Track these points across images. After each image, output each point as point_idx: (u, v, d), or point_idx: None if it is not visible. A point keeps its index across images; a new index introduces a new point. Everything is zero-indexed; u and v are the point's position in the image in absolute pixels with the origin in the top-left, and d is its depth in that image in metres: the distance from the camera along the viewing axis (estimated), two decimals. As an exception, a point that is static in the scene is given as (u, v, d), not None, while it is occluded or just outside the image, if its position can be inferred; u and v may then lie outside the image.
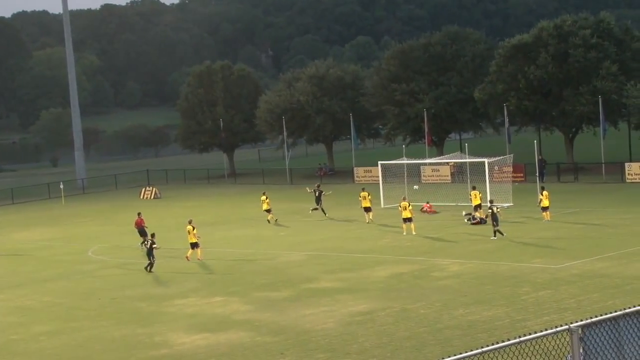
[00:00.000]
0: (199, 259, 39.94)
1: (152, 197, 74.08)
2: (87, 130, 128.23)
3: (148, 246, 38.88)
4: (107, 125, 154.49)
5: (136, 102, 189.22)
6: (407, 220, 42.94)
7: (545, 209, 44.48)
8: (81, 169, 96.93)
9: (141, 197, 74.78)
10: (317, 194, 53.10)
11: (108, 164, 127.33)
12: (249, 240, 45.40)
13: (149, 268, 38.22)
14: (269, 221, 51.76)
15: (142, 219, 46.39)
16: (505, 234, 40.21)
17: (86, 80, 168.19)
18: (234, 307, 30.23)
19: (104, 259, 43.31)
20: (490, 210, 40.84)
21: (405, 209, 43.01)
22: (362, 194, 49.72)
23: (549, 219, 44.23)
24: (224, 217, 55.67)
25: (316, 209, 52.65)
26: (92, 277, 38.51)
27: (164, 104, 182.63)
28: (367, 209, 49.25)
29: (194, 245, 40.15)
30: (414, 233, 42.60)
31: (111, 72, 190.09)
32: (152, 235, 39.17)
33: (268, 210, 52.87)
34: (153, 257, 38.24)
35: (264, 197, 53.22)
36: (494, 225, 40.22)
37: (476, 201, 46.54)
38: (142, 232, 45.62)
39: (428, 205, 51.37)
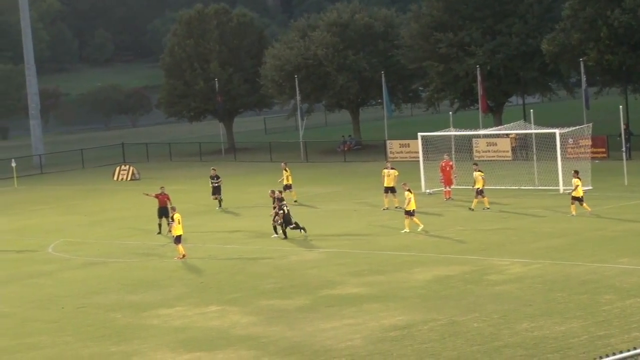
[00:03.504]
0: (181, 258, 40.08)
1: (129, 178, 74.33)
2: (46, 93, 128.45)
3: (283, 212, 41.67)
4: (70, 86, 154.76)
5: (107, 57, 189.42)
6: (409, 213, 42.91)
7: (579, 199, 43.81)
8: (38, 143, 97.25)
9: (115, 178, 75.03)
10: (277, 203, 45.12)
11: (72, 135, 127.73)
12: (252, 234, 45.42)
13: (302, 230, 42.48)
14: (294, 201, 52.64)
15: (166, 195, 46.91)
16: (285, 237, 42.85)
17: (43, 29, 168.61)
18: (234, 318, 30.30)
19: (68, 257, 43.50)
20: (282, 211, 43.12)
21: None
22: (384, 170, 49.98)
23: (574, 213, 43.70)
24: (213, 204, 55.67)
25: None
26: (52, 280, 38.67)
27: (143, 59, 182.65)
28: (390, 190, 49.32)
29: (179, 240, 40.20)
30: (406, 230, 42.63)
31: (75, 18, 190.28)
32: (280, 200, 42.34)
33: (288, 187, 53.18)
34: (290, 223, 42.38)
35: (286, 172, 53.73)
36: (282, 227, 43.06)
37: (479, 183, 47.20)
38: (164, 212, 45.65)
39: (447, 162, 51.65)
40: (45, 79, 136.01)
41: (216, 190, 54.37)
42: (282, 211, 43.22)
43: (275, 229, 43.68)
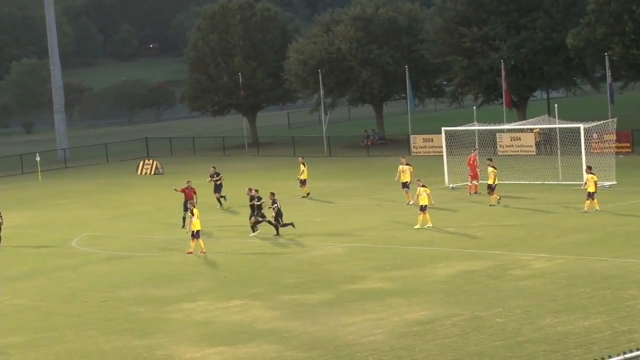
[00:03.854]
0: (204, 252, 40.16)
1: (153, 172, 74.58)
2: (70, 87, 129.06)
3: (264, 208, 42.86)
4: (94, 80, 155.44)
5: (131, 52, 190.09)
6: (423, 208, 42.77)
7: (590, 195, 43.49)
8: (62, 137, 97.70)
9: (139, 172, 75.31)
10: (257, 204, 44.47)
11: (96, 130, 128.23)
12: (274, 228, 45.44)
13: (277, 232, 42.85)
14: (306, 195, 53.46)
15: (192, 189, 46.96)
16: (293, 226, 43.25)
17: (68, 23, 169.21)
18: (256, 313, 30.36)
19: (91, 251, 43.67)
20: (275, 205, 43.17)
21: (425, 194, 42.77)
22: (400, 166, 49.89)
23: (597, 207, 43.36)
24: (243, 198, 55.79)
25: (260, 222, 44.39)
26: (75, 274, 38.84)
27: (167, 53, 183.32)
28: (406, 185, 49.31)
29: (198, 235, 40.22)
30: (430, 225, 42.52)
31: (99, 13, 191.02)
32: (272, 194, 43.39)
33: (303, 182, 53.63)
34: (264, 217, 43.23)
35: (303, 167, 54.05)
36: (276, 223, 43.11)
37: (490, 179, 47.03)
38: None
39: (474, 157, 51.52)
40: (69, 73, 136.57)
41: (217, 189, 53.93)
42: (275, 204, 43.36)
43: (253, 228, 43.86)
